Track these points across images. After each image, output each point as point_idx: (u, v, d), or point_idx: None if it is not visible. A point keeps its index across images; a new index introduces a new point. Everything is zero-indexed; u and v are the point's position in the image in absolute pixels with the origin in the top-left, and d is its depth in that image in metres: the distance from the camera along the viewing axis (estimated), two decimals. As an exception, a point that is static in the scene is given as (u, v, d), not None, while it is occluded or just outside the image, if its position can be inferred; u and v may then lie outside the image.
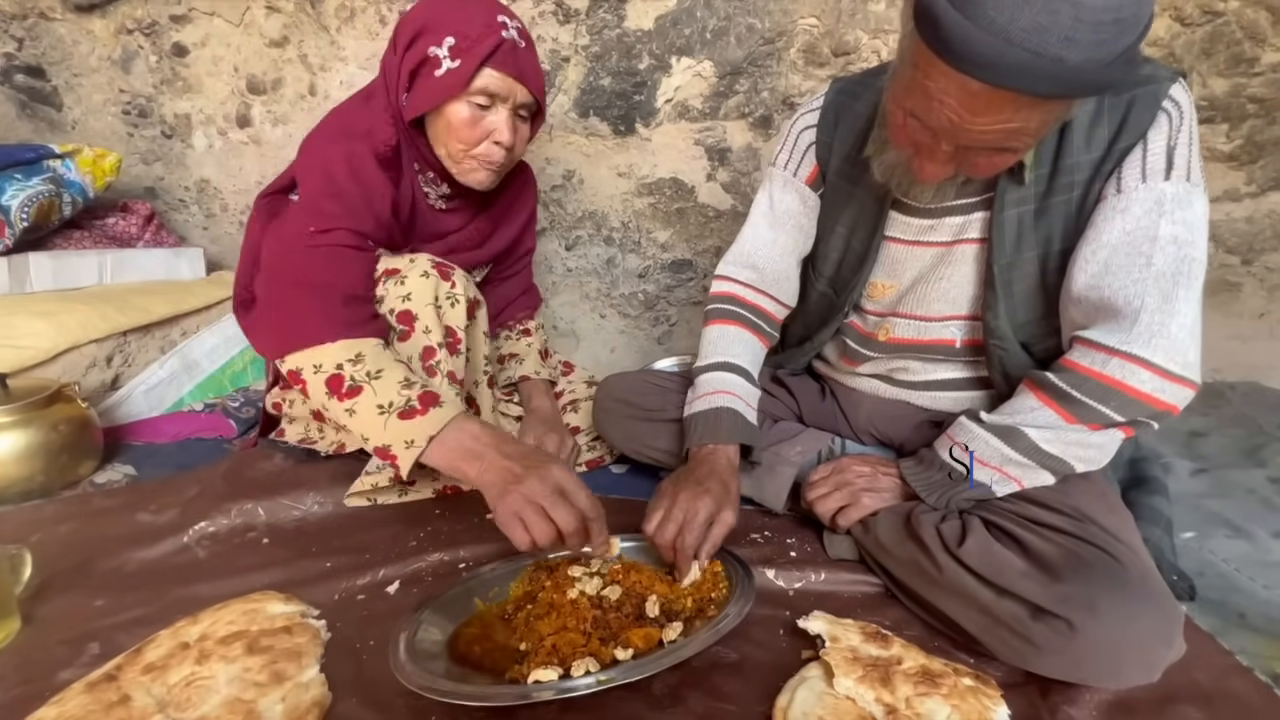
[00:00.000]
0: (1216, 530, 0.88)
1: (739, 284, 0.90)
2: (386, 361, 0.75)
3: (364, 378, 0.73)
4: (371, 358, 0.75)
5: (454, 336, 0.87)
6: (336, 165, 0.82)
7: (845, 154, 0.81)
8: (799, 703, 0.55)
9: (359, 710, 0.56)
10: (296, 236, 0.80)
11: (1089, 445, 0.66)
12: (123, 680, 0.54)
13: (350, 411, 0.72)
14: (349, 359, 0.74)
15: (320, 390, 0.74)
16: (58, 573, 0.72)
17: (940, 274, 0.77)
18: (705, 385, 0.84)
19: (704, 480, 0.72)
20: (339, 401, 0.73)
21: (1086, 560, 0.58)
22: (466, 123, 0.83)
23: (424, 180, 0.93)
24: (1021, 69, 0.49)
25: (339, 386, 0.73)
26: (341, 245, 0.80)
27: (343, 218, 0.81)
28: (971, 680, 0.56)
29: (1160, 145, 0.63)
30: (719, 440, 0.78)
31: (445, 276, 0.87)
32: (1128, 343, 0.61)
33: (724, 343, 0.87)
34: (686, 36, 1.30)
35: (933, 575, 0.65)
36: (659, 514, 0.70)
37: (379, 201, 0.85)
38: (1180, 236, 0.62)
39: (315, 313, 0.77)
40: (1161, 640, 0.54)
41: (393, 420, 0.70)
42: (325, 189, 0.82)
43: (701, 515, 0.69)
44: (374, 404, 0.71)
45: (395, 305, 0.84)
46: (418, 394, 0.71)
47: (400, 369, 0.74)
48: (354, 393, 0.72)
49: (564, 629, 0.60)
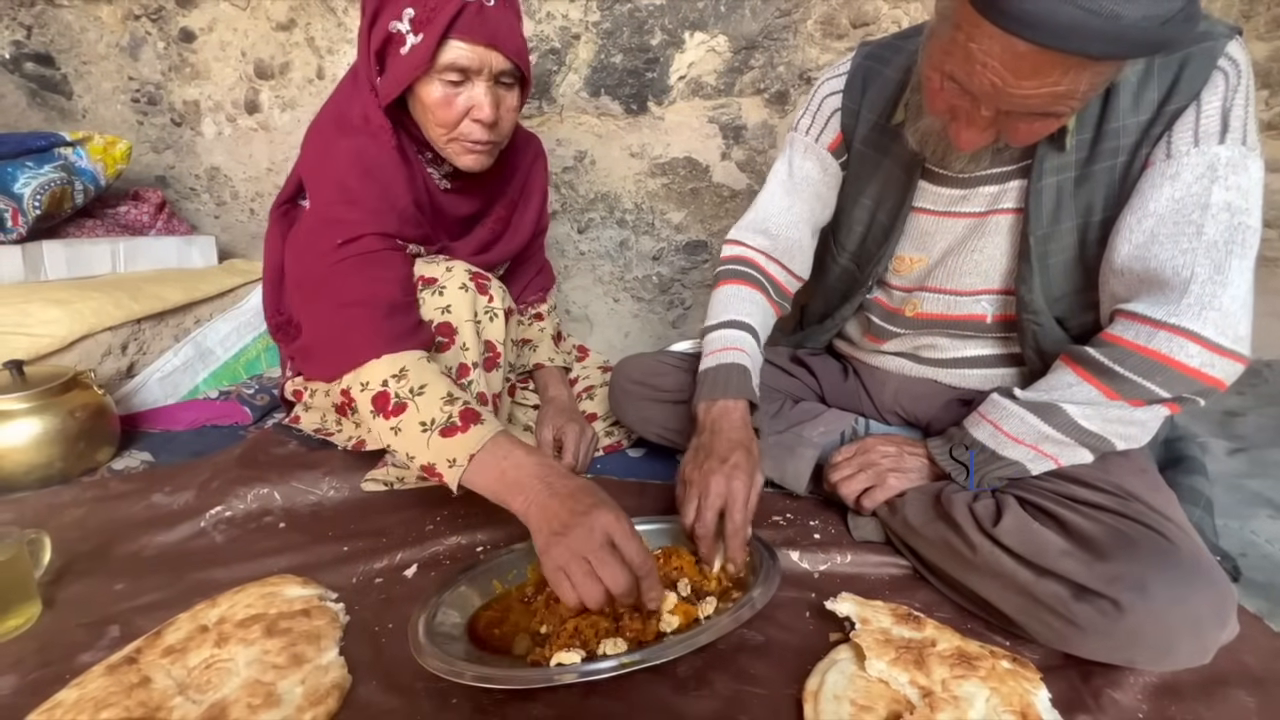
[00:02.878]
0: (1258, 510, 0.84)
1: (752, 249, 0.87)
2: (430, 376, 0.71)
3: (408, 394, 0.69)
4: (415, 373, 0.71)
5: (494, 351, 0.85)
6: (345, 167, 0.78)
7: (873, 121, 0.77)
8: (830, 686, 0.53)
9: (379, 693, 0.55)
10: (323, 254, 0.75)
11: (1131, 422, 0.63)
12: (143, 663, 0.54)
13: (396, 430, 0.69)
14: (393, 374, 0.70)
15: (367, 409, 0.71)
16: (77, 557, 0.72)
17: (972, 246, 0.74)
18: (714, 343, 0.80)
19: (728, 455, 0.68)
20: (385, 420, 0.69)
21: (1133, 539, 0.56)
22: (441, 103, 0.76)
23: (425, 161, 0.88)
24: (1074, 28, 0.46)
25: (385, 405, 0.70)
26: (369, 252, 0.76)
27: (364, 223, 0.76)
28: (1009, 663, 0.55)
29: (1215, 106, 0.59)
30: (727, 395, 0.74)
31: (482, 290, 0.84)
32: (1176, 315, 0.58)
33: (735, 301, 0.83)
34: (700, 10, 1.26)
35: (966, 556, 0.63)
36: (694, 504, 0.66)
37: (399, 195, 0.80)
38: (1234, 203, 0.59)
39: (358, 331, 0.73)
40: (1216, 620, 0.52)
41: (435, 438, 0.66)
42: (338, 196, 0.77)
43: (741, 495, 0.65)
44: (417, 421, 0.68)
45: (434, 316, 0.80)
46: (459, 410, 0.68)
47: (444, 384, 0.71)
48: (399, 410, 0.69)
49: (585, 611, 0.59)
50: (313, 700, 0.52)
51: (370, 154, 0.79)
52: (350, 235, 0.75)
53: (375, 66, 0.78)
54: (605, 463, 1.01)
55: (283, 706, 0.51)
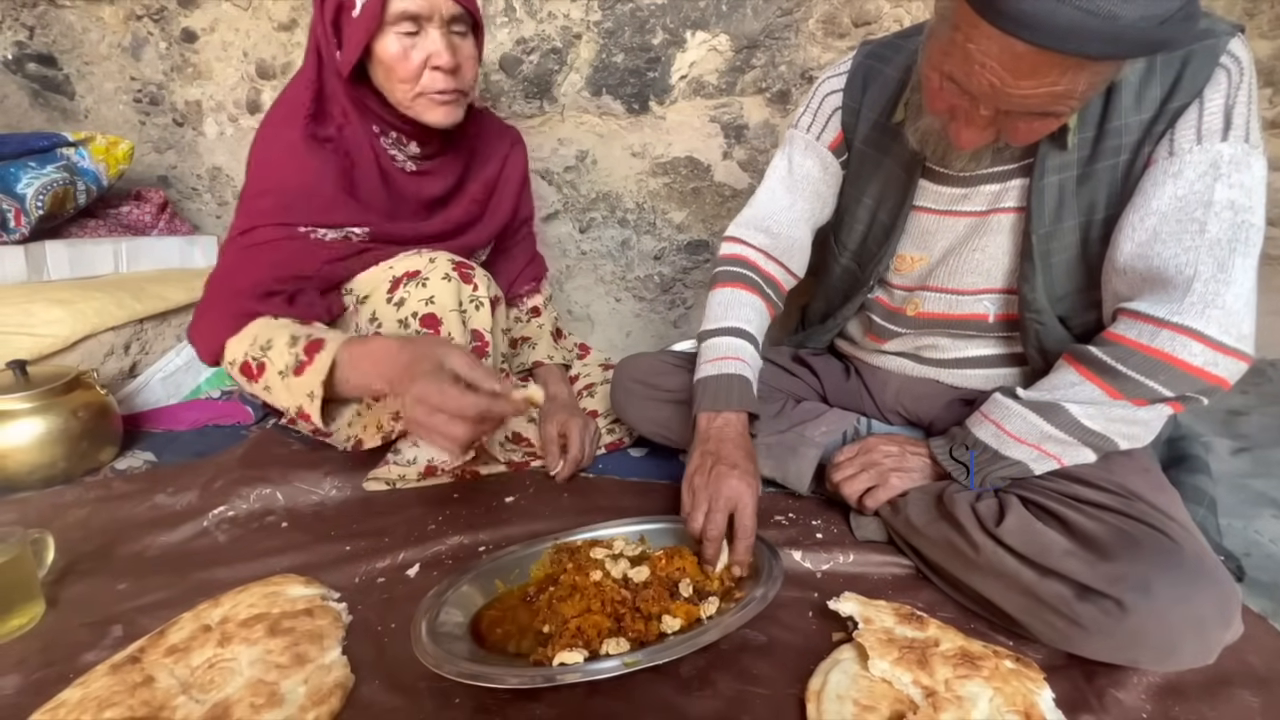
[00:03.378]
0: (1262, 510, 0.84)
1: (751, 248, 0.86)
2: (274, 330, 0.76)
3: (260, 353, 0.75)
4: (263, 333, 0.76)
5: (481, 340, 0.85)
6: (266, 160, 0.83)
7: (874, 120, 0.77)
8: (832, 685, 0.53)
9: (382, 692, 0.55)
10: (227, 244, 0.83)
11: (1134, 422, 0.63)
12: (146, 662, 0.54)
13: (267, 389, 0.75)
14: (248, 344, 0.77)
15: (244, 381, 0.77)
16: (80, 557, 0.72)
17: (974, 245, 0.73)
18: (714, 350, 0.79)
19: (737, 462, 0.68)
20: (257, 384, 0.76)
21: (1137, 538, 0.55)
22: (399, 57, 0.78)
23: (389, 143, 0.88)
24: (1072, 28, 0.46)
25: (250, 371, 0.76)
26: (261, 243, 0.80)
27: (270, 213, 0.81)
28: (1013, 663, 0.54)
29: (1218, 104, 0.59)
30: (730, 407, 0.74)
31: (467, 279, 0.84)
32: (1179, 313, 0.58)
33: (736, 307, 0.82)
34: (701, 9, 1.26)
35: (969, 556, 0.63)
36: (704, 508, 0.66)
37: (320, 183, 0.82)
38: (1237, 201, 0.58)
39: (224, 312, 0.79)
40: (1220, 620, 0.52)
41: (291, 380, 0.72)
42: (254, 187, 0.83)
43: (749, 500, 0.66)
44: (276, 373, 0.74)
45: (418, 309, 0.81)
46: (303, 346, 0.73)
47: (285, 331, 0.75)
48: (260, 369, 0.75)
49: (588, 611, 0.59)
50: (316, 700, 0.52)
51: (291, 144, 0.82)
52: (249, 225, 0.81)
53: (334, 40, 0.81)
54: (608, 462, 1.01)
55: (286, 706, 0.51)
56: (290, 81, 0.88)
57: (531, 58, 1.32)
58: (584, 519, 0.80)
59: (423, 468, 0.86)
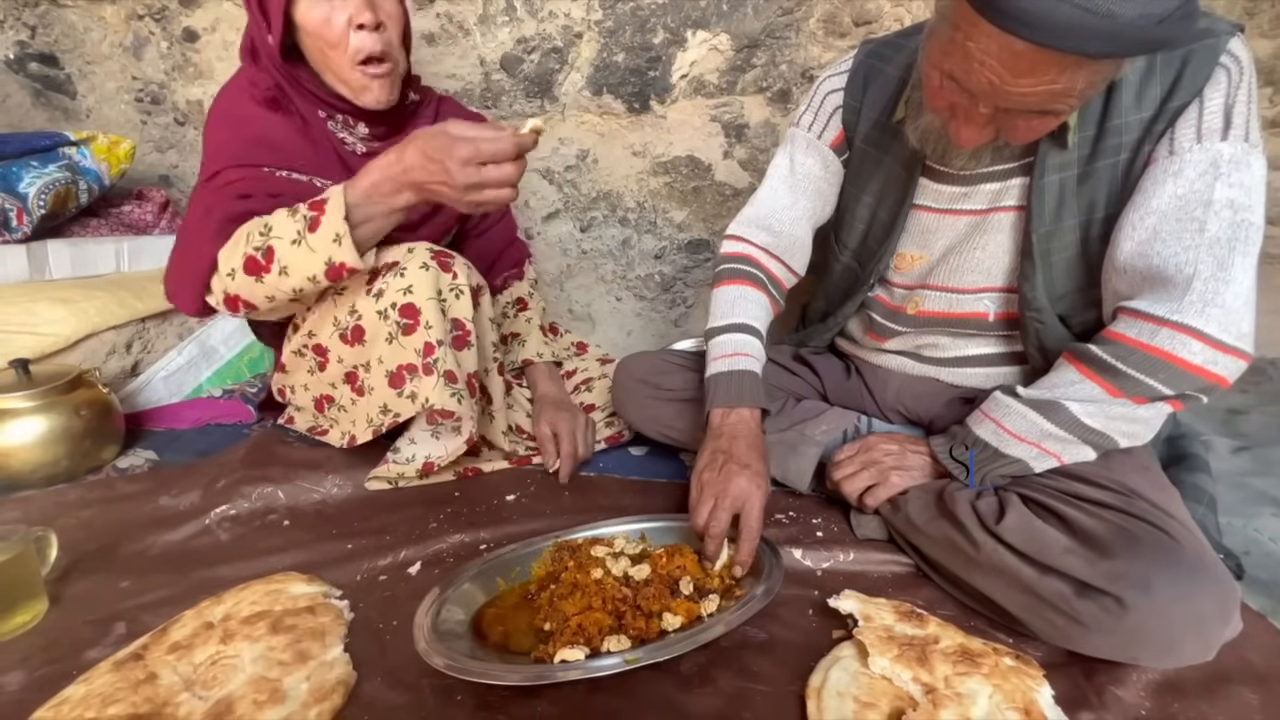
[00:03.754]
0: (1262, 508, 0.84)
1: (753, 245, 0.86)
2: (266, 217, 0.75)
3: (261, 240, 0.73)
4: (255, 226, 0.75)
5: (462, 329, 0.84)
6: (218, 125, 0.85)
7: (874, 119, 0.77)
8: (833, 682, 0.53)
9: (384, 689, 0.55)
10: (195, 193, 0.84)
11: (1134, 420, 0.63)
12: (149, 659, 0.54)
13: (283, 272, 0.72)
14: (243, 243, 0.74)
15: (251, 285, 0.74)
16: (83, 555, 0.73)
17: (974, 244, 0.74)
18: (725, 346, 0.79)
19: (749, 461, 0.68)
20: (268, 274, 0.73)
21: (1136, 536, 0.56)
22: (322, 23, 0.79)
23: (337, 125, 0.89)
24: (1071, 27, 0.46)
25: (256, 265, 0.73)
26: (228, 183, 0.81)
27: (236, 157, 0.82)
28: (1013, 660, 0.55)
29: (1217, 103, 0.59)
30: (743, 403, 0.74)
31: (446, 268, 0.83)
32: (1179, 312, 0.58)
33: (743, 304, 0.82)
34: (702, 8, 1.26)
35: (969, 553, 0.63)
36: (709, 504, 0.66)
37: (278, 135, 0.84)
38: (1237, 200, 0.58)
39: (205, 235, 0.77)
40: (1220, 618, 0.52)
41: (309, 239, 0.71)
42: (212, 151, 0.84)
43: (758, 499, 0.66)
44: (288, 245, 0.72)
45: (397, 299, 0.79)
46: (306, 206, 0.72)
47: (279, 211, 0.74)
48: (269, 255, 0.72)
49: (589, 609, 0.59)
50: (318, 696, 0.52)
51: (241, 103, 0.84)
52: (212, 171, 0.81)
53: (263, 22, 0.82)
54: (608, 461, 1.01)
55: (288, 702, 0.51)
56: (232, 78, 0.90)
57: (532, 57, 1.32)
58: (585, 517, 0.80)
59: (420, 464, 0.86)
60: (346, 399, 0.88)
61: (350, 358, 0.83)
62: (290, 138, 0.85)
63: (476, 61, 1.33)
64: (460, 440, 0.85)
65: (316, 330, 0.85)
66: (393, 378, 0.80)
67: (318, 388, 0.90)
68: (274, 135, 0.84)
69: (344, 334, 0.81)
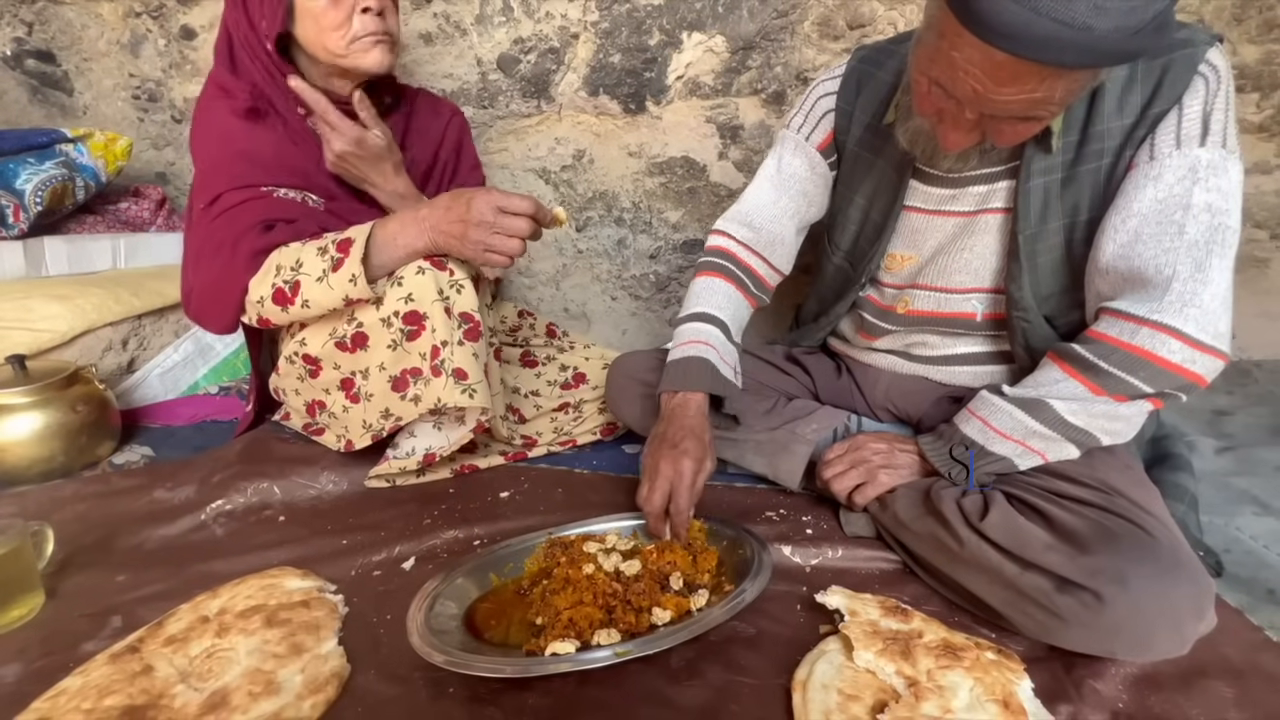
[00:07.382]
0: (1244, 508, 0.86)
1: (733, 240, 0.88)
2: (298, 250, 0.78)
3: (291, 275, 0.78)
4: (286, 259, 0.78)
5: (472, 321, 0.84)
6: (204, 141, 0.86)
7: (867, 123, 0.79)
8: (818, 675, 0.54)
9: (377, 682, 0.56)
10: (196, 220, 0.85)
11: (1116, 417, 0.64)
12: (145, 652, 0.55)
13: (305, 305, 0.77)
14: (273, 274, 0.79)
15: (277, 312, 0.79)
16: (79, 549, 0.73)
17: (962, 245, 0.75)
18: (683, 335, 0.82)
19: (679, 441, 0.71)
20: (293, 306, 0.78)
21: (1115, 532, 0.57)
22: (326, 8, 0.81)
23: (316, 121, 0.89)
24: (1048, 39, 0.48)
25: (283, 297, 0.78)
26: (230, 207, 0.82)
27: (234, 178, 0.83)
28: (994, 654, 0.56)
29: (1196, 110, 0.61)
30: (687, 387, 0.77)
31: (441, 266, 0.83)
32: (1158, 312, 0.60)
33: (707, 294, 0.85)
34: (698, 10, 1.27)
35: (954, 550, 0.64)
36: (645, 486, 0.70)
37: (258, 148, 0.85)
38: (1214, 204, 0.60)
39: (232, 264, 0.80)
40: (1193, 612, 0.53)
41: (333, 279, 0.76)
42: (205, 170, 0.85)
43: (687, 477, 0.69)
44: (314, 284, 0.77)
45: (399, 307, 0.79)
46: (334, 246, 0.77)
47: (311, 245, 0.78)
48: (295, 288, 0.77)
49: (580, 603, 0.60)
50: (312, 689, 0.53)
51: (225, 118, 0.85)
52: (212, 195, 0.83)
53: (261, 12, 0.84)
54: (602, 458, 1.02)
55: (283, 694, 0.52)
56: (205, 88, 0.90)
57: (529, 57, 1.33)
58: (577, 514, 0.81)
59: (421, 457, 0.87)
60: (339, 406, 0.88)
61: (348, 364, 0.84)
62: (275, 149, 0.87)
63: (473, 62, 1.34)
64: (465, 429, 0.86)
65: (309, 339, 0.85)
66: (396, 382, 0.81)
67: (309, 393, 0.91)
68: (262, 152, 0.86)
69: (342, 341, 0.82)
